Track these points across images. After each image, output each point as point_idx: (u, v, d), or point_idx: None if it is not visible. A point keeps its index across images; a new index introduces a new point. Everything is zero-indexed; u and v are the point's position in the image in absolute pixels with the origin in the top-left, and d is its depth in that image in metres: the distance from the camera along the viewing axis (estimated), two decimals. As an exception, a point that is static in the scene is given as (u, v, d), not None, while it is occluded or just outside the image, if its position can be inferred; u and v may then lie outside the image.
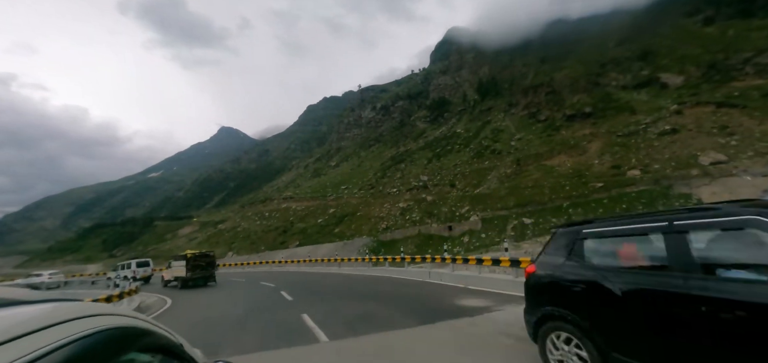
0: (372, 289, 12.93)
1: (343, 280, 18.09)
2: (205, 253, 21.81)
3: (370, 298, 10.77)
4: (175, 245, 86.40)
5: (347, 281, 17.14)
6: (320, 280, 18.71)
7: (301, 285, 17.07)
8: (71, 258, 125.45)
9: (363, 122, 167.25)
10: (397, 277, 17.43)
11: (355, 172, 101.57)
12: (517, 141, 69.46)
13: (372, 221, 58.26)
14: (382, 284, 14.69)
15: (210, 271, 21.03)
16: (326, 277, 20.49)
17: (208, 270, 20.83)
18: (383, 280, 16.10)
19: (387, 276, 18.49)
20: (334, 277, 20.02)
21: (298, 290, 14.55)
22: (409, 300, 10.11)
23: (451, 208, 52.80)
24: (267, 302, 11.90)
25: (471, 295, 10.08)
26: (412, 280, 15.10)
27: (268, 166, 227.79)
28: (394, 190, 68.85)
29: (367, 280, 16.77)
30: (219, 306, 12.56)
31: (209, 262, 21.16)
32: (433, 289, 11.92)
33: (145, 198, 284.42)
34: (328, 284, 16.52)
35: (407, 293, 11.36)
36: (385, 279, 16.82)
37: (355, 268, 26.56)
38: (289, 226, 69.54)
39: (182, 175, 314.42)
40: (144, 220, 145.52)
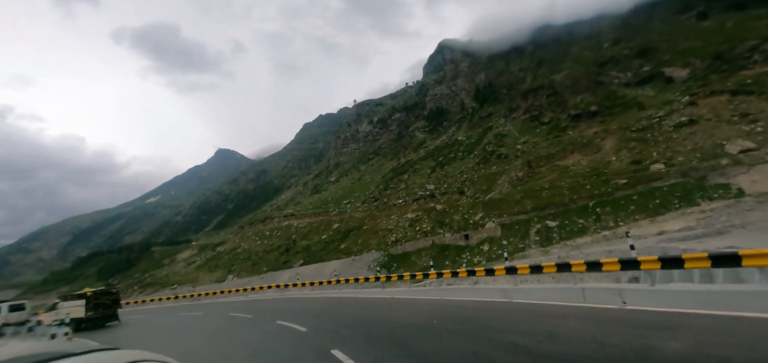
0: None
1: (411, 314, 11.52)
2: (107, 290, 20.52)
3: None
4: (172, 271, 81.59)
5: (421, 317, 10.72)
6: (374, 315, 11.95)
7: (353, 326, 10.09)
8: (66, 289, 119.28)
9: (360, 137, 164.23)
10: (470, 301, 13.00)
11: (356, 186, 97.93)
12: (523, 144, 66.45)
13: (380, 234, 54.39)
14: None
15: (113, 310, 19.72)
16: (367, 309, 13.95)
17: (111, 308, 19.57)
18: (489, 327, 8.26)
19: (460, 307, 11.81)
20: (383, 308, 13.54)
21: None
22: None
23: (464, 216, 49.18)
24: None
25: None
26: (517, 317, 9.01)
27: (266, 185, 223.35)
28: (400, 201, 65.17)
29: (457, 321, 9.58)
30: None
31: (113, 299, 19.87)
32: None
33: (143, 224, 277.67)
34: (400, 321, 10.22)
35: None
36: (480, 320, 9.17)
37: (390, 290, 22.60)
38: (291, 244, 65.35)
39: (180, 199, 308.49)
40: (141, 247, 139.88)
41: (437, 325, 8.91)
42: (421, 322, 9.69)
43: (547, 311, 9.22)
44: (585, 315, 8.14)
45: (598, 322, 7.34)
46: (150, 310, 23.58)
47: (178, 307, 21.22)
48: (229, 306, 21.82)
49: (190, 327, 14.47)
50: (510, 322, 8.41)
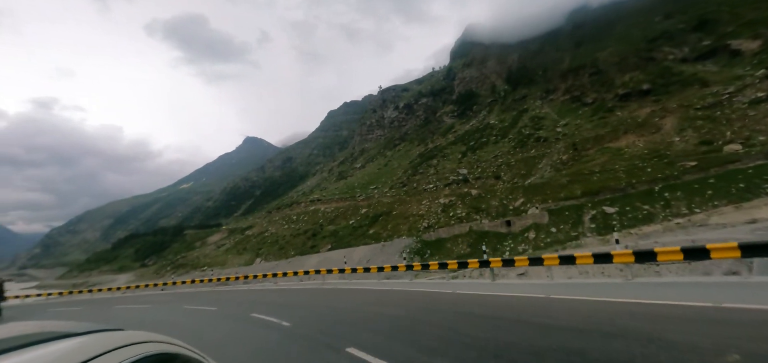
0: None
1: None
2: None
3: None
4: (203, 253, 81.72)
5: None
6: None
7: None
8: (107, 268, 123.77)
9: (386, 123, 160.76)
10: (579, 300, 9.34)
11: (383, 172, 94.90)
12: (564, 126, 61.07)
13: (411, 220, 51.11)
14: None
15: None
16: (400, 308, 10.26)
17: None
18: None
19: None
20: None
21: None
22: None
23: (502, 202, 45.10)
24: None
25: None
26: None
27: (292, 172, 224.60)
28: (431, 186, 61.53)
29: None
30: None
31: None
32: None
33: (177, 208, 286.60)
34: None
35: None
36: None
37: (439, 282, 19.34)
38: (318, 229, 63.21)
39: (211, 185, 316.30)
40: (174, 230, 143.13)
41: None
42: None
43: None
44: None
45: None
46: (161, 298, 19.30)
47: (196, 295, 18.27)
48: (254, 298, 15.93)
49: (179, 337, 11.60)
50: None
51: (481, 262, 15.60)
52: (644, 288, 8.89)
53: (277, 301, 13.46)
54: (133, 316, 13.24)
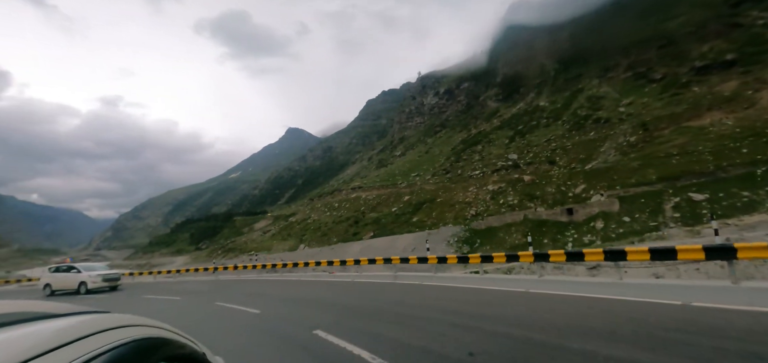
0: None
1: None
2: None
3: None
4: (250, 238, 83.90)
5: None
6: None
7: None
8: (166, 251, 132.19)
9: (425, 109, 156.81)
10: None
11: (424, 159, 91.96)
12: (628, 106, 54.69)
13: (457, 207, 48.18)
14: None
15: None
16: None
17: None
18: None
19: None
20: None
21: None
22: None
23: (559, 188, 40.90)
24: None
25: None
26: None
27: (331, 161, 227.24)
28: (477, 172, 57.95)
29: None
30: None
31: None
32: None
33: (227, 196, 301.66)
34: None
35: None
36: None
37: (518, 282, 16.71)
38: (360, 216, 62.01)
39: (257, 174, 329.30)
40: (224, 216, 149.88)
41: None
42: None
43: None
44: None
45: None
46: (201, 287, 16.55)
47: (239, 284, 16.67)
48: (311, 294, 11.57)
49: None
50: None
51: (537, 255, 12.68)
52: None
53: (351, 306, 8.74)
54: (141, 310, 11.59)
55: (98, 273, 17.09)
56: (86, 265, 18.61)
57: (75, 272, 17.15)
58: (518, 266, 22.68)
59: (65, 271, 17.61)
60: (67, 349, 0.59)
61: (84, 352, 0.61)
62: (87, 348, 0.62)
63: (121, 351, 0.68)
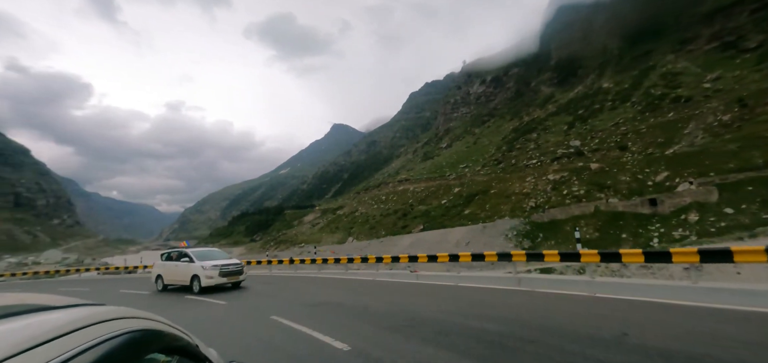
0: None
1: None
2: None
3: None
4: (300, 231, 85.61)
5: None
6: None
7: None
8: (225, 242, 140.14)
9: (471, 99, 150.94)
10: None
11: (472, 150, 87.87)
12: (715, 81, 47.29)
13: (513, 199, 44.63)
14: None
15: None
16: None
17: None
18: None
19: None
20: None
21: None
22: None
23: (635, 176, 36.03)
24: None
25: None
26: None
27: (376, 156, 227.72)
28: (534, 161, 53.60)
29: None
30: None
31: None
32: None
33: (278, 191, 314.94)
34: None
35: None
36: None
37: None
38: (408, 209, 60.18)
39: (304, 170, 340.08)
40: (276, 210, 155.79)
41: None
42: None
43: None
44: None
45: None
46: (249, 284, 13.01)
47: (301, 282, 13.38)
48: (402, 301, 7.90)
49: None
50: None
51: (604, 255, 8.48)
52: None
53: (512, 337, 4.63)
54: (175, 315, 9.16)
55: (214, 264, 12.00)
56: (200, 251, 13.69)
57: (186, 261, 12.54)
58: (578, 265, 19.28)
59: (176, 260, 13.11)
60: (59, 342, 0.59)
61: (76, 343, 0.61)
62: (79, 340, 0.63)
63: (114, 343, 0.68)
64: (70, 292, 14.30)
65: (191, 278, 11.78)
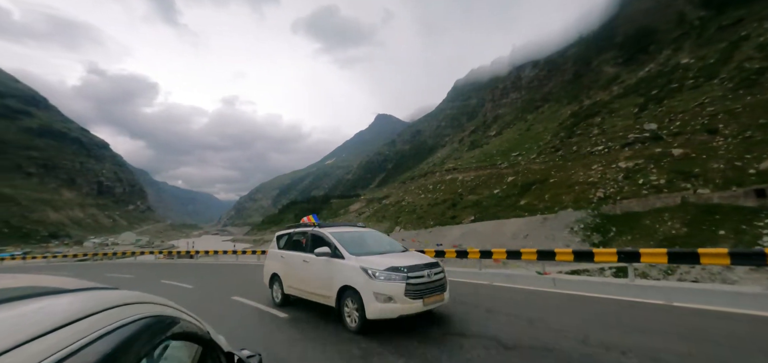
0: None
1: None
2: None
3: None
4: (347, 219, 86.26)
5: None
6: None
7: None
8: (276, 228, 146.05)
9: (522, 84, 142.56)
10: None
11: (525, 137, 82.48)
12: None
13: (576, 189, 40.58)
14: None
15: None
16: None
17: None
18: None
19: None
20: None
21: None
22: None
23: (731, 163, 30.77)
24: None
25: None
26: None
27: (420, 145, 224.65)
28: (600, 148, 48.53)
29: None
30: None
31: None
32: None
33: (324, 181, 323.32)
34: None
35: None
36: None
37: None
38: (458, 198, 57.64)
39: (349, 160, 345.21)
40: (323, 199, 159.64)
41: None
42: None
43: None
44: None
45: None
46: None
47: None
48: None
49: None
50: None
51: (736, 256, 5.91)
52: None
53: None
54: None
55: (391, 265, 4.89)
56: (346, 232, 6.06)
57: (326, 255, 5.52)
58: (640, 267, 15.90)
59: (307, 248, 6.16)
60: (75, 326, 0.59)
61: (92, 329, 0.61)
62: (95, 325, 0.62)
63: (129, 328, 0.68)
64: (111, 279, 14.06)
65: (340, 291, 5.21)
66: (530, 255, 9.39)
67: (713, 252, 6.63)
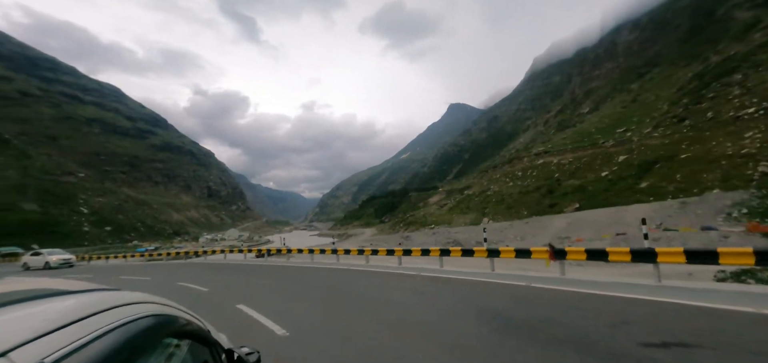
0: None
1: None
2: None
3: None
4: (427, 212, 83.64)
5: None
6: None
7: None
8: (357, 223, 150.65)
9: (619, 51, 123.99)
10: None
11: (631, 110, 70.46)
12: None
13: (724, 165, 32.02)
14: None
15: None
16: None
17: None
18: None
19: None
20: None
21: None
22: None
23: None
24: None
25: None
26: None
27: (498, 132, 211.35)
28: (750, 110, 38.08)
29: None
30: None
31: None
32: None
33: (400, 175, 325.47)
34: None
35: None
36: None
37: None
38: (555, 184, 50.95)
39: (424, 153, 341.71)
40: (400, 193, 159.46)
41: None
42: None
43: None
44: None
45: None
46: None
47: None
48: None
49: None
50: None
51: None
52: None
53: None
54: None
55: None
56: None
57: None
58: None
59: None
60: (77, 326, 0.60)
61: (93, 328, 0.61)
62: (96, 325, 0.63)
63: (128, 328, 0.68)
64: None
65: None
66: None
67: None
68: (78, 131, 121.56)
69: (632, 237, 24.12)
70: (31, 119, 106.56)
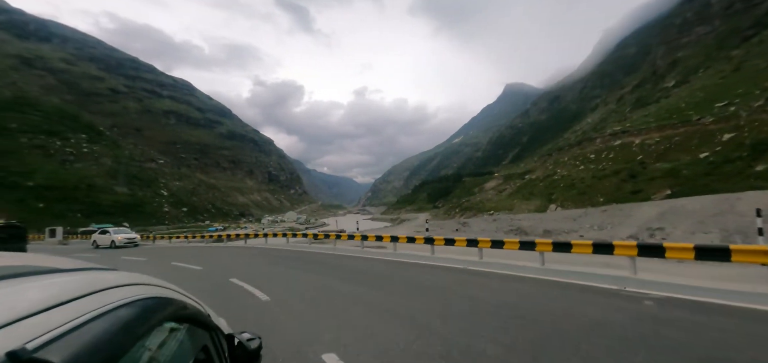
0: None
1: None
2: (10, 224, 14.41)
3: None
4: (484, 198, 79.62)
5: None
6: None
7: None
8: (410, 208, 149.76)
9: (713, 13, 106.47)
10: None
11: (733, 80, 59.69)
12: None
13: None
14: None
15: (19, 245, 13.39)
16: None
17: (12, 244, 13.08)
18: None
19: None
20: None
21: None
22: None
23: None
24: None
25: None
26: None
27: (560, 113, 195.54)
28: None
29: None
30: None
31: (13, 234, 13.23)
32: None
33: (452, 160, 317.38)
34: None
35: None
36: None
37: None
38: (638, 168, 44.79)
39: (478, 137, 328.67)
40: (454, 178, 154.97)
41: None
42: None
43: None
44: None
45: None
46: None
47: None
48: None
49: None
50: None
51: None
52: None
53: None
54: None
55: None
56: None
57: None
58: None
59: None
60: (74, 304, 0.58)
61: (91, 307, 0.60)
62: (94, 304, 0.61)
63: (127, 309, 0.66)
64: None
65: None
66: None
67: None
68: (157, 122, 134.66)
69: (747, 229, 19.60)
70: (119, 113, 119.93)
